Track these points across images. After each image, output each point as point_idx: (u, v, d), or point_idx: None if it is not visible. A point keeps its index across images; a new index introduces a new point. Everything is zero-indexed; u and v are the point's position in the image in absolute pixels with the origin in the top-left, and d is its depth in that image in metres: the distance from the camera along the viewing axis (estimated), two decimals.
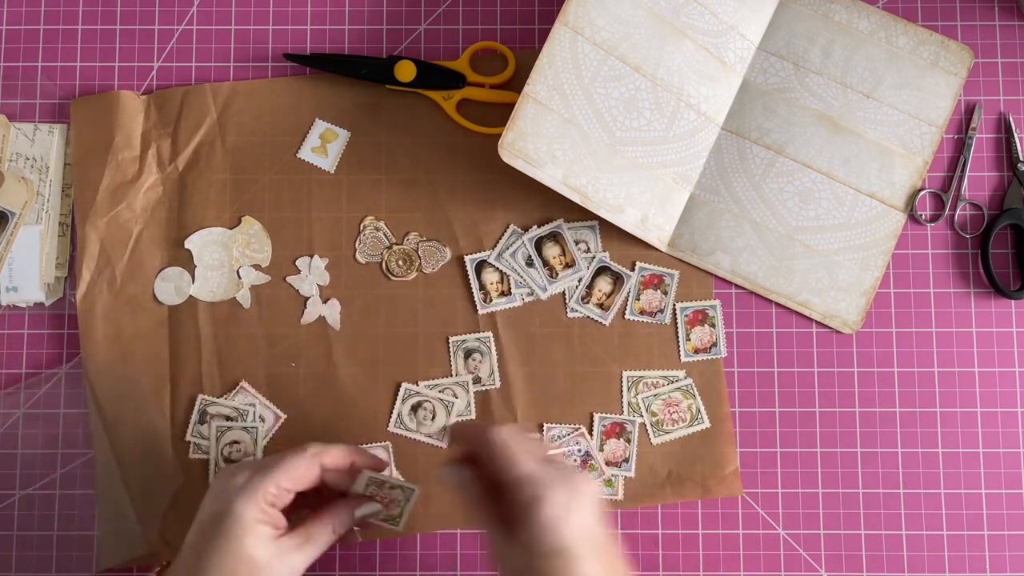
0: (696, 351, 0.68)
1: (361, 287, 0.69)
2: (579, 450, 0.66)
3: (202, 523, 0.54)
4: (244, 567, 0.52)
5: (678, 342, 0.68)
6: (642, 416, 0.67)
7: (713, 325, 0.68)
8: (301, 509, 0.57)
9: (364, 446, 0.67)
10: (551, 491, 0.51)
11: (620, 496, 0.67)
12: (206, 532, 0.53)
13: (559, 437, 0.66)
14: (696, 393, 0.68)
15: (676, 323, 0.68)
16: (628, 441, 0.67)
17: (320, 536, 0.56)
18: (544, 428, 0.67)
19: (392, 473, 0.67)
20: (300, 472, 0.55)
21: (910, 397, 0.68)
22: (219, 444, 0.67)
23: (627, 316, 0.68)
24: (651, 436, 0.67)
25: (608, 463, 0.66)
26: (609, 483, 0.67)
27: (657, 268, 0.69)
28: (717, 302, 0.68)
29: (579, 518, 0.51)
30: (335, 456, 0.57)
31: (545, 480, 0.51)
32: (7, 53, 0.72)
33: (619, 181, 0.67)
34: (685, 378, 0.68)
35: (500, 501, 0.53)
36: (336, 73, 0.70)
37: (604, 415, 0.67)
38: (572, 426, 0.67)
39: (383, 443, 0.67)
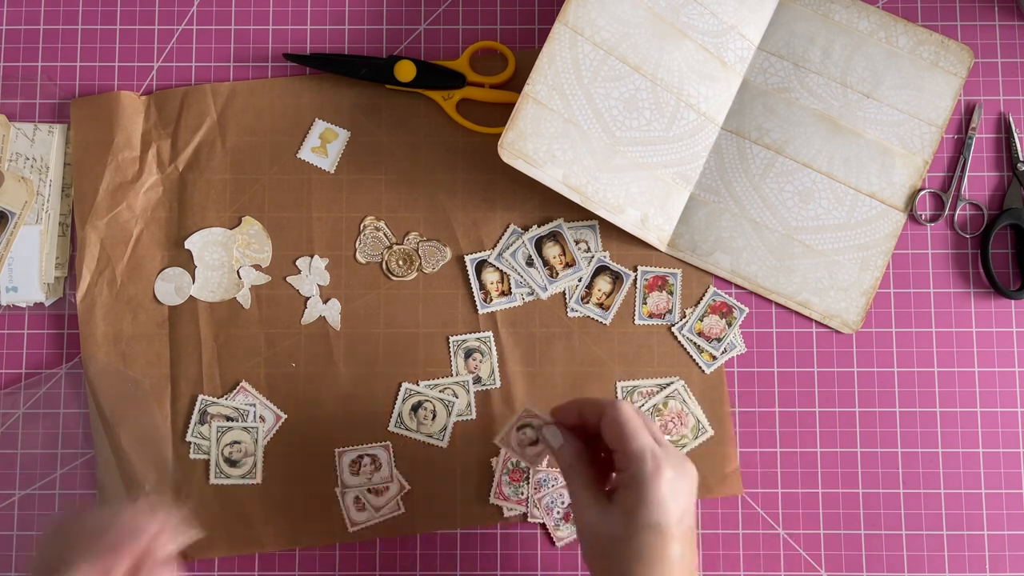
0: (709, 340, 0.68)
1: (361, 287, 0.69)
2: (563, 502, 0.66)
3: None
4: None
5: (693, 348, 0.68)
6: None
7: (729, 322, 0.68)
8: None
9: (366, 445, 0.67)
10: (667, 469, 0.53)
11: None
12: None
13: (543, 483, 0.66)
14: (690, 396, 0.68)
15: (684, 320, 0.68)
16: None
17: None
18: (531, 471, 0.67)
19: (392, 471, 0.67)
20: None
21: (910, 397, 0.68)
22: (219, 444, 0.67)
23: (636, 321, 0.68)
24: None
25: None
26: None
27: (659, 270, 0.69)
28: (745, 309, 0.69)
29: (683, 500, 0.53)
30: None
31: (662, 457, 0.53)
32: (7, 53, 0.72)
33: (619, 181, 0.67)
34: (677, 381, 0.68)
35: (600, 470, 0.56)
36: (336, 73, 0.70)
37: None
38: (557, 471, 0.66)
39: (384, 443, 0.67)
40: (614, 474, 0.55)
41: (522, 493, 0.66)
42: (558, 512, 0.66)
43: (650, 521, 0.52)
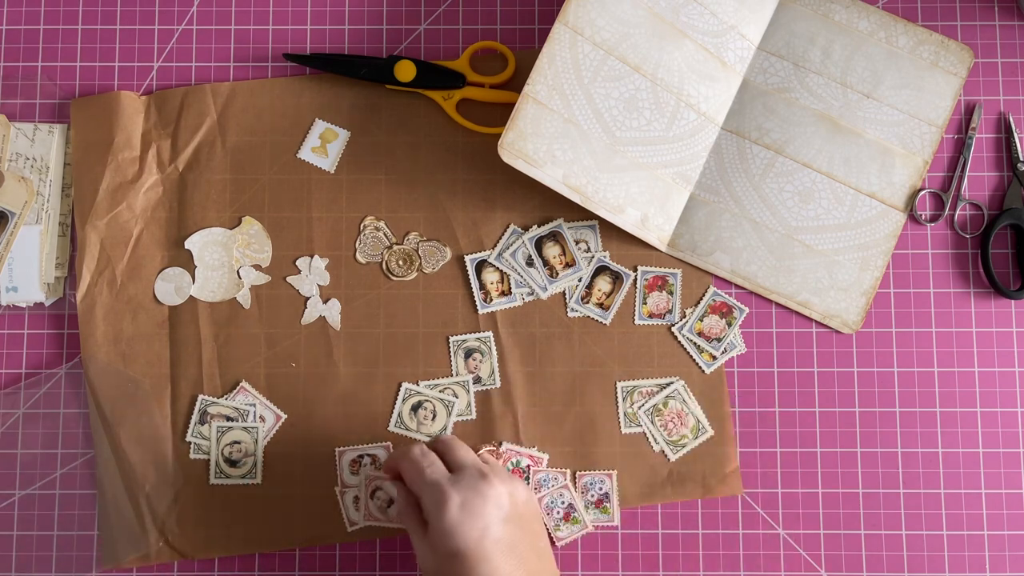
0: (708, 339, 0.68)
1: (361, 287, 0.69)
2: (563, 502, 0.66)
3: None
4: None
5: (693, 345, 0.68)
6: (639, 426, 0.67)
7: (729, 322, 0.68)
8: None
9: (366, 445, 0.67)
10: (452, 496, 0.55)
11: (617, 521, 0.67)
12: None
13: (544, 482, 0.66)
14: (690, 396, 0.68)
15: (684, 320, 0.69)
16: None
17: None
18: (531, 471, 0.67)
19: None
20: None
21: (910, 397, 0.68)
22: (219, 444, 0.67)
23: (636, 321, 0.68)
24: (668, 456, 0.67)
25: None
26: (605, 510, 0.67)
27: (659, 270, 0.69)
28: (745, 309, 0.69)
29: (481, 521, 0.55)
30: None
31: (445, 488, 0.56)
32: (7, 53, 0.72)
33: (619, 181, 0.67)
34: (677, 381, 0.68)
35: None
36: (336, 73, 0.70)
37: (582, 472, 0.67)
38: (558, 471, 0.67)
39: (384, 443, 0.67)
40: None
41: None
42: (558, 512, 0.66)
43: (448, 549, 0.55)
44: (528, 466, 0.67)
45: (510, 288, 0.69)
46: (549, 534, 0.67)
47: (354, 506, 0.67)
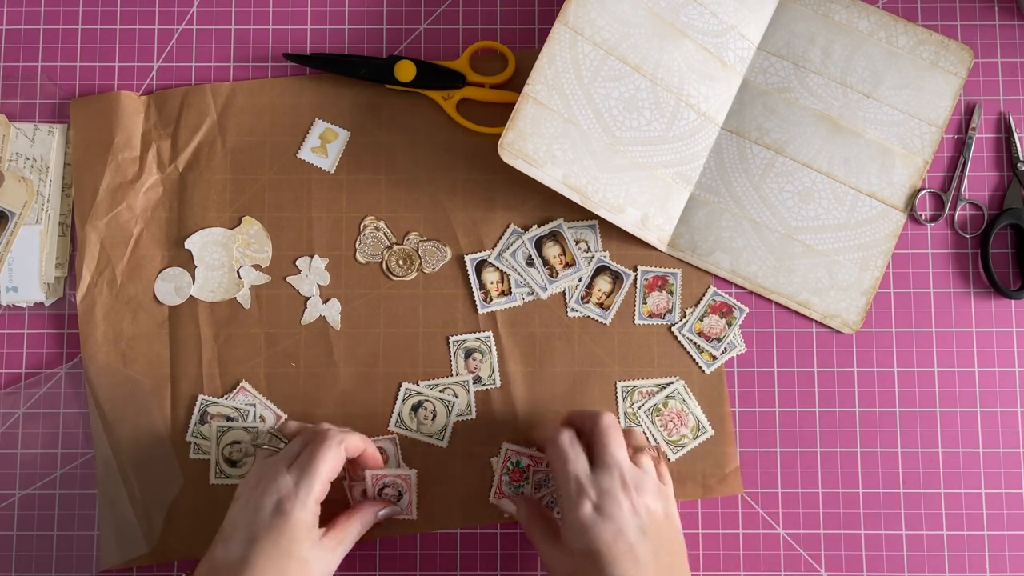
0: (707, 338, 0.68)
1: (361, 287, 0.69)
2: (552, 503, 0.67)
3: (260, 520, 0.56)
4: (296, 568, 0.55)
5: (692, 345, 0.68)
6: (639, 426, 0.67)
7: (729, 322, 0.68)
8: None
9: (373, 439, 0.67)
10: (585, 496, 0.54)
11: None
12: (264, 530, 0.56)
13: (543, 482, 0.66)
14: (689, 396, 0.68)
15: (684, 320, 0.69)
16: None
17: (350, 537, 0.60)
18: (531, 471, 0.67)
19: (399, 462, 0.67)
20: (336, 464, 0.59)
21: (910, 397, 0.68)
22: (219, 444, 0.67)
23: (636, 321, 0.68)
24: (669, 456, 0.67)
25: None
26: None
27: (659, 270, 0.69)
28: (745, 309, 0.69)
29: (608, 523, 0.54)
30: (354, 443, 0.61)
31: (583, 484, 0.55)
32: (7, 53, 0.72)
33: (619, 181, 0.67)
34: (677, 381, 0.68)
35: (549, 518, 0.59)
36: (336, 73, 0.70)
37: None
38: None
39: (390, 436, 0.67)
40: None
41: (522, 493, 0.66)
42: (558, 512, 0.66)
43: (581, 546, 0.53)
44: (528, 466, 0.66)
45: (510, 288, 0.69)
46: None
47: (361, 499, 0.66)
